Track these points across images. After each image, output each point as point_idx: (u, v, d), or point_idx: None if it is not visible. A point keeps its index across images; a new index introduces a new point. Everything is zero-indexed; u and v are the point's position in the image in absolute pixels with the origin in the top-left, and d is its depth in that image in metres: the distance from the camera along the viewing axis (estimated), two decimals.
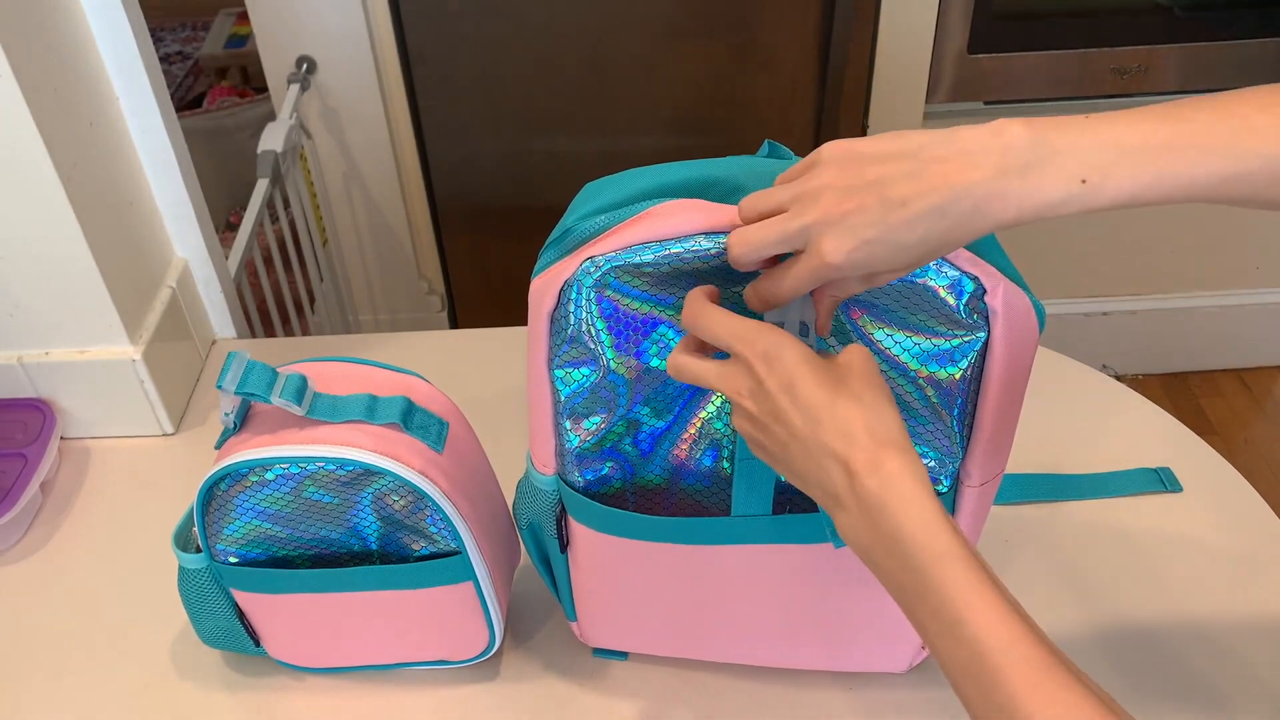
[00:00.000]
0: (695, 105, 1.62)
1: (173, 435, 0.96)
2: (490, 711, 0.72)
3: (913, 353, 0.55)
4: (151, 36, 0.90)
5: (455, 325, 1.89)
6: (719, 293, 0.53)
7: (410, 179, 1.70)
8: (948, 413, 0.57)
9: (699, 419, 0.60)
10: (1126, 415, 0.92)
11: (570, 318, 0.55)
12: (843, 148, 0.48)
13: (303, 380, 0.61)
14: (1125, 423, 0.91)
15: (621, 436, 0.60)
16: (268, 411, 0.64)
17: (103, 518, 0.88)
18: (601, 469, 0.61)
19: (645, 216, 0.53)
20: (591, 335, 0.56)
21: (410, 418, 0.63)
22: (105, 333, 0.89)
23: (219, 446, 0.64)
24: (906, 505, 0.45)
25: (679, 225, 0.53)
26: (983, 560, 0.45)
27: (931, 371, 0.56)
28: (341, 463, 0.60)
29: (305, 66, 1.55)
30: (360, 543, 0.65)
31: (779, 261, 0.51)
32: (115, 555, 0.85)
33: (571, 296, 0.55)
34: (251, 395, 0.60)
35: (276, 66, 1.56)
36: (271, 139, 1.38)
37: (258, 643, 0.72)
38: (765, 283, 0.51)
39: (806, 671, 0.73)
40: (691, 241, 0.53)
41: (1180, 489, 0.85)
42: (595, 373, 0.57)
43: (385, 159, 1.66)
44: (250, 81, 2.44)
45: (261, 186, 1.33)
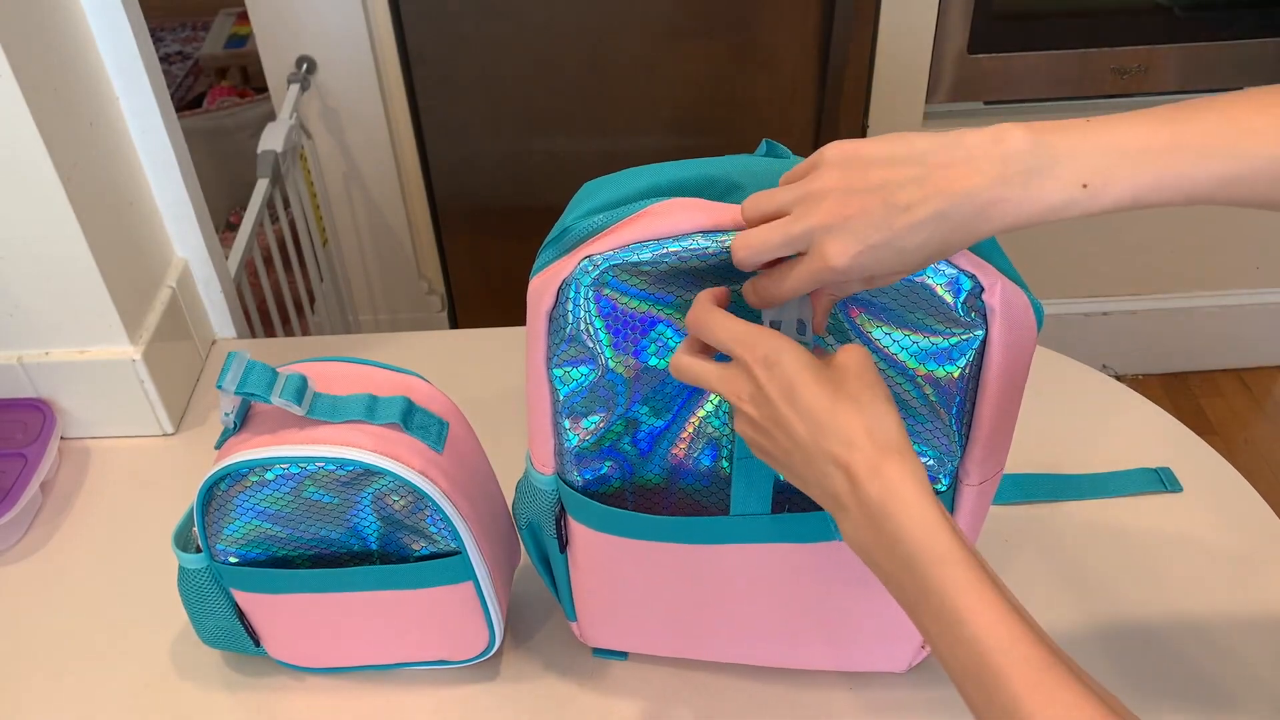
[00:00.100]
0: (695, 105, 1.62)
1: (173, 435, 0.96)
2: (490, 711, 0.72)
3: (911, 351, 0.55)
4: (151, 36, 0.90)
5: (455, 325, 1.89)
6: (728, 294, 0.53)
7: (410, 179, 1.70)
8: (946, 411, 0.57)
9: (696, 417, 0.60)
10: (1126, 415, 0.92)
11: (569, 316, 0.55)
12: (845, 149, 0.48)
13: (303, 380, 0.61)
14: (1125, 423, 0.91)
15: (620, 436, 0.60)
16: (268, 411, 0.64)
17: (103, 518, 0.88)
18: (600, 468, 0.61)
19: (643, 215, 0.53)
20: (590, 334, 0.56)
21: (410, 418, 0.63)
22: (105, 333, 0.89)
23: (219, 446, 0.64)
24: (907, 509, 0.45)
25: (677, 224, 0.53)
26: (983, 561, 0.45)
27: (930, 370, 0.55)
28: (341, 463, 0.60)
29: (305, 66, 1.55)
30: (360, 543, 0.65)
31: (781, 260, 0.51)
32: (115, 555, 0.85)
33: (570, 295, 0.55)
34: (251, 395, 0.60)
35: (276, 66, 1.56)
36: (271, 139, 1.38)
37: (258, 643, 0.72)
38: (765, 281, 0.51)
39: (807, 671, 0.73)
40: (689, 240, 0.53)
41: (1180, 489, 0.85)
42: (594, 371, 0.57)
43: (385, 159, 1.66)
44: (250, 81, 2.44)
45: (261, 186, 1.33)
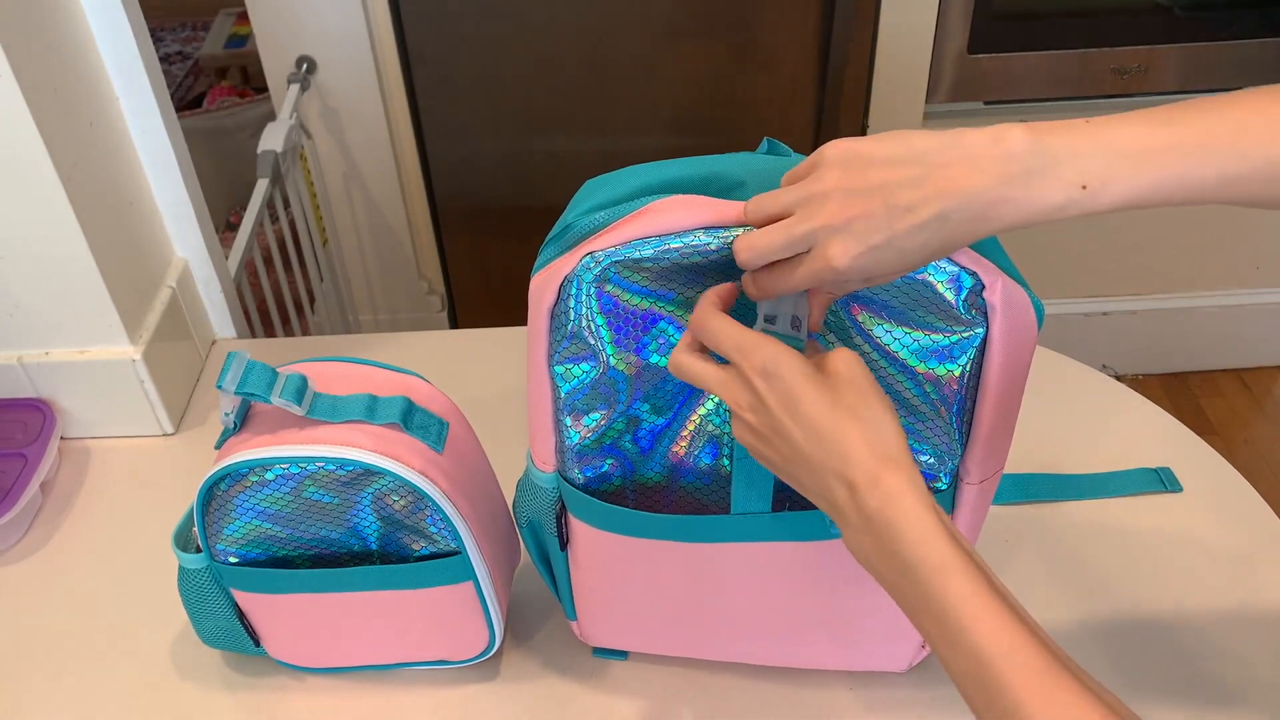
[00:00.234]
0: (695, 105, 1.62)
1: (173, 435, 0.96)
2: (490, 711, 0.72)
3: (911, 349, 0.55)
4: (151, 36, 0.90)
5: (455, 325, 1.89)
6: (735, 291, 0.53)
7: (410, 179, 1.70)
8: (947, 409, 0.57)
9: (697, 415, 0.60)
10: (1126, 415, 0.92)
11: (570, 313, 0.55)
12: (846, 149, 0.48)
13: (303, 380, 0.61)
14: (1125, 423, 0.91)
15: (621, 433, 0.60)
16: (268, 411, 0.64)
17: (103, 518, 0.88)
18: (601, 466, 0.61)
19: (644, 212, 0.53)
20: (591, 331, 0.56)
21: (410, 418, 0.63)
22: (105, 333, 0.89)
23: (219, 446, 0.64)
24: (905, 520, 0.46)
25: (678, 221, 0.53)
26: (984, 567, 0.45)
27: (930, 368, 0.55)
28: (341, 463, 0.60)
29: (305, 66, 1.55)
30: (360, 543, 0.65)
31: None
32: (115, 555, 0.85)
33: (571, 292, 0.55)
34: (251, 395, 0.60)
35: (276, 66, 1.56)
36: (271, 139, 1.38)
37: (258, 643, 0.72)
38: (765, 277, 0.51)
39: (807, 670, 0.73)
40: (690, 237, 0.53)
41: (1180, 489, 0.85)
42: (595, 368, 0.57)
43: (385, 159, 1.66)
44: (250, 81, 2.44)
45: (261, 186, 1.33)
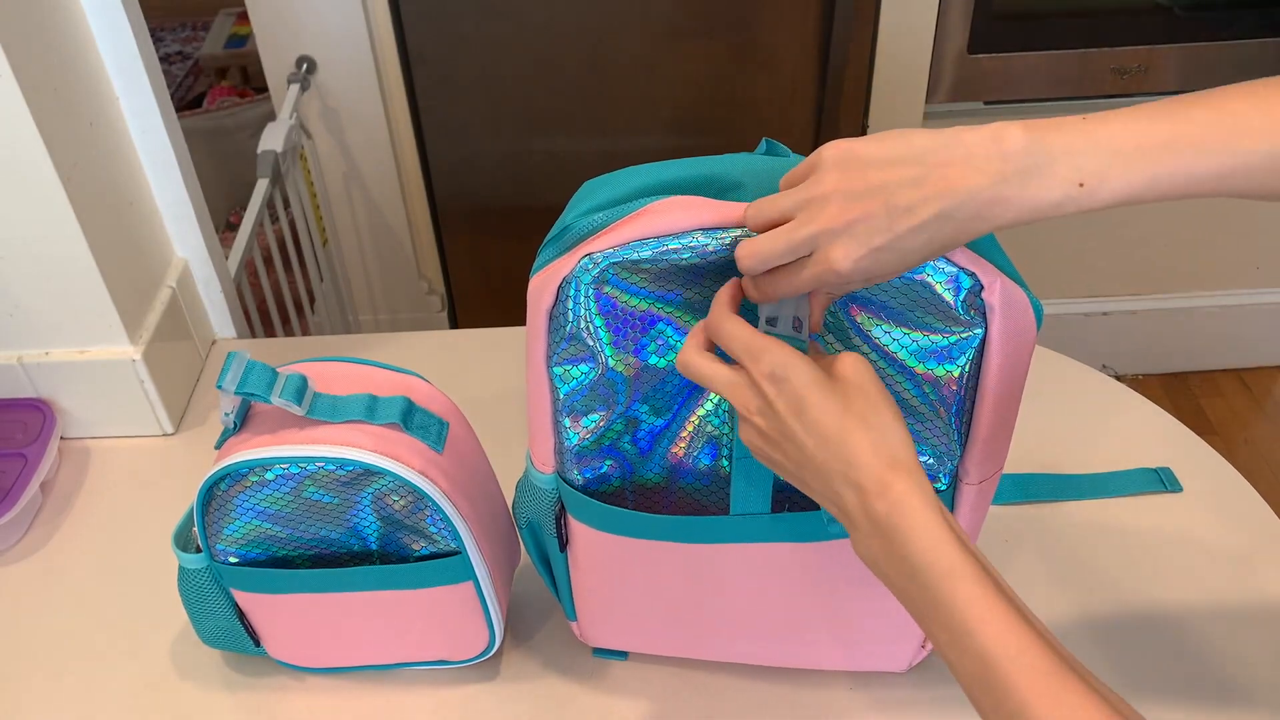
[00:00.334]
0: (695, 105, 1.62)
1: (173, 435, 0.96)
2: (490, 711, 0.72)
3: (910, 349, 0.55)
4: (151, 36, 0.90)
5: (455, 325, 1.89)
6: (740, 288, 0.54)
7: (410, 179, 1.70)
8: (946, 410, 0.57)
9: (696, 416, 0.60)
10: (1126, 415, 0.92)
11: (569, 315, 0.55)
12: (844, 150, 0.48)
13: (303, 380, 0.61)
14: (1125, 423, 0.91)
15: (620, 434, 0.60)
16: (268, 411, 0.64)
17: (103, 518, 0.88)
18: (600, 467, 0.61)
19: (643, 213, 0.53)
20: (590, 332, 0.56)
21: (410, 418, 0.63)
22: (105, 333, 0.89)
23: (219, 446, 0.64)
24: (914, 525, 0.46)
25: (676, 222, 0.53)
26: (992, 571, 0.46)
27: (930, 368, 0.56)
28: (341, 463, 0.60)
29: (305, 66, 1.55)
30: (360, 543, 0.65)
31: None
32: (115, 555, 0.85)
33: (570, 293, 0.55)
34: (251, 395, 0.60)
35: (276, 66, 1.56)
36: (271, 139, 1.38)
37: (258, 643, 0.72)
38: (766, 280, 0.51)
39: (807, 671, 0.73)
40: (689, 238, 0.53)
41: (1180, 489, 0.85)
42: (594, 370, 0.57)
43: (385, 159, 1.66)
44: (250, 81, 2.44)
45: (261, 186, 1.33)
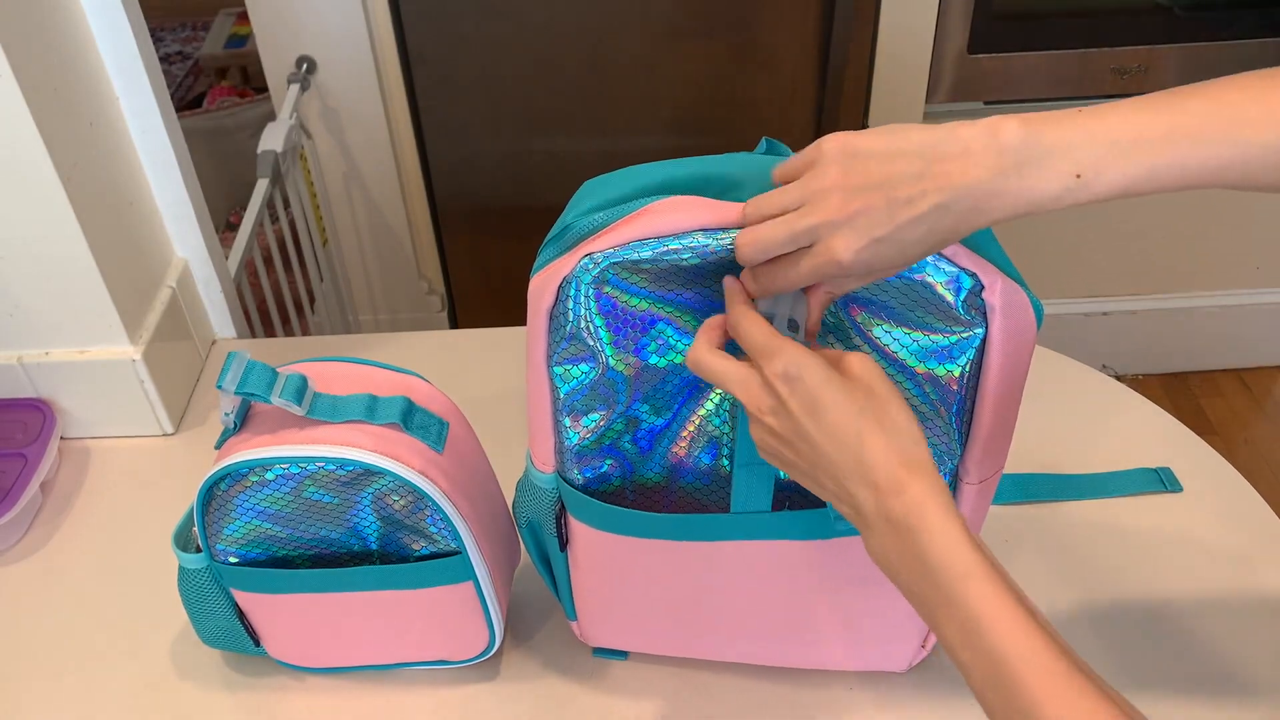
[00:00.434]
0: (695, 105, 1.62)
1: (173, 435, 0.96)
2: (490, 711, 0.72)
3: (911, 349, 0.55)
4: (151, 36, 0.90)
5: (455, 325, 1.89)
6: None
7: (410, 179, 1.70)
8: (946, 410, 0.57)
9: (697, 416, 0.60)
10: (1126, 415, 0.92)
11: (569, 314, 0.55)
12: (844, 143, 0.48)
13: (303, 380, 0.61)
14: (1125, 423, 0.91)
15: (620, 434, 0.60)
16: (268, 411, 0.64)
17: (103, 518, 0.88)
18: (601, 466, 0.61)
19: (643, 213, 0.53)
20: (590, 332, 0.56)
21: (410, 418, 0.63)
22: (105, 333, 0.89)
23: (219, 446, 0.64)
24: (930, 526, 0.46)
25: (677, 222, 0.53)
26: (1005, 573, 0.46)
27: (930, 368, 0.56)
28: (341, 463, 0.60)
29: (305, 66, 1.54)
30: (360, 543, 0.65)
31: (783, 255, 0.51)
32: (115, 555, 0.85)
33: (570, 293, 0.55)
34: (251, 395, 0.60)
35: (276, 66, 1.56)
36: (271, 139, 1.38)
37: (258, 643, 0.72)
38: (766, 273, 0.51)
39: (807, 670, 0.73)
40: (689, 238, 0.53)
41: (1180, 489, 0.85)
42: (594, 369, 0.57)
43: (385, 159, 1.65)
44: (250, 81, 2.44)
45: (261, 186, 1.33)
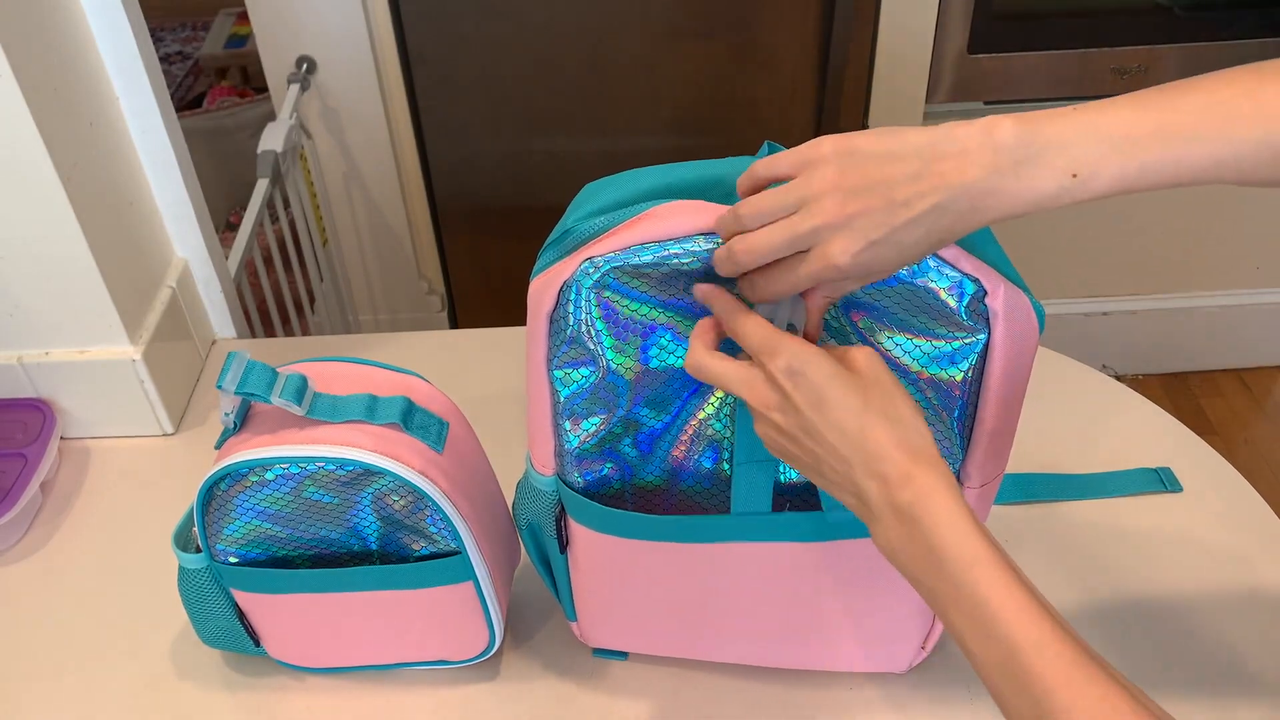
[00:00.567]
0: (695, 105, 1.62)
1: (173, 435, 0.96)
2: (490, 711, 0.72)
3: (913, 355, 0.55)
4: (151, 36, 0.90)
5: (455, 325, 1.89)
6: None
7: (410, 179, 1.70)
8: (948, 414, 0.57)
9: (697, 420, 0.60)
10: (1126, 415, 0.92)
11: (569, 318, 0.55)
12: (840, 145, 0.48)
13: (303, 380, 0.61)
14: (1125, 423, 0.91)
15: (620, 437, 0.60)
16: (268, 411, 0.64)
17: (103, 518, 0.88)
18: (601, 470, 0.61)
19: (645, 217, 0.53)
20: (591, 336, 0.56)
21: (410, 418, 0.63)
22: (105, 333, 0.89)
23: (219, 446, 0.64)
24: (938, 515, 0.46)
25: (678, 226, 0.53)
26: (1013, 563, 0.46)
27: (933, 373, 0.55)
28: (341, 463, 0.60)
29: (305, 66, 1.54)
30: (360, 543, 0.65)
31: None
32: (115, 555, 0.85)
33: (570, 297, 0.55)
34: (251, 395, 0.60)
35: (276, 66, 1.56)
36: (271, 139, 1.38)
37: (258, 643, 0.72)
38: (762, 278, 0.51)
39: (807, 671, 0.73)
40: (691, 243, 0.53)
41: (1180, 489, 0.85)
42: (595, 373, 0.57)
43: (385, 159, 1.65)
44: (250, 81, 2.44)
45: (261, 186, 1.33)
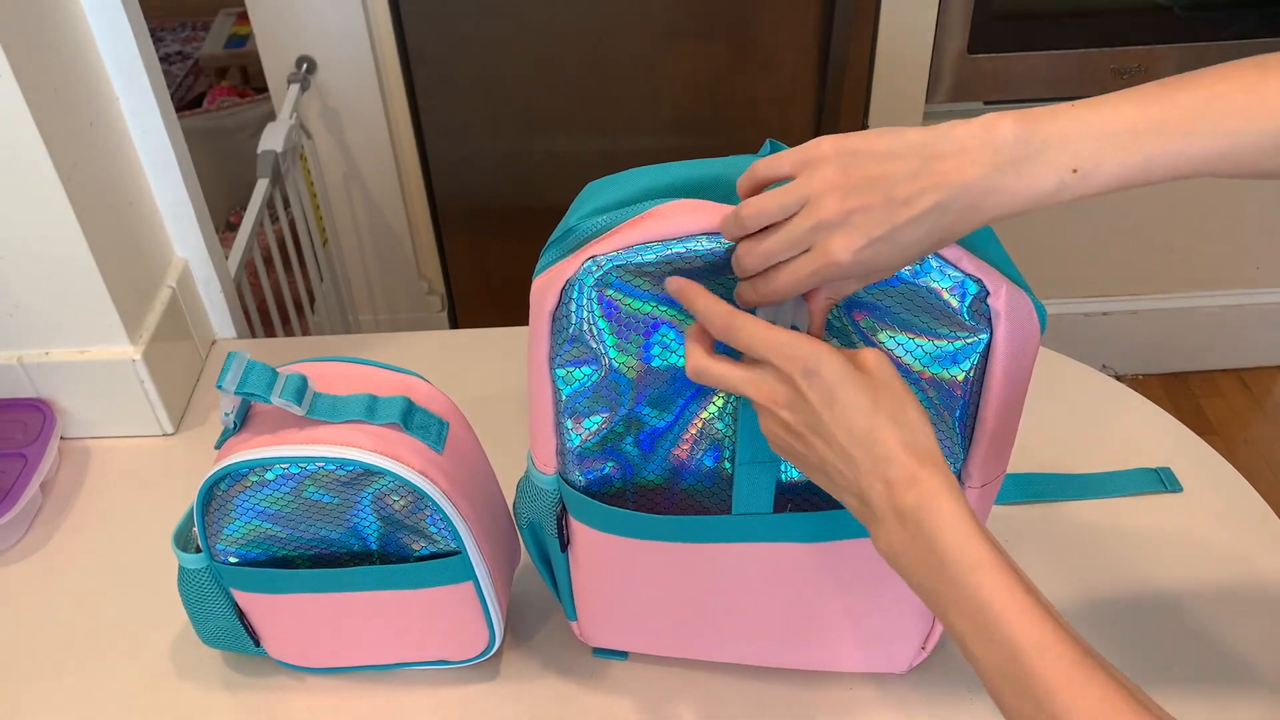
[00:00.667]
0: (695, 105, 1.62)
1: (173, 435, 0.96)
2: (490, 711, 0.72)
3: (915, 354, 0.55)
4: (151, 36, 0.90)
5: (455, 325, 1.89)
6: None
7: (410, 179, 1.70)
8: (950, 414, 0.57)
9: (700, 419, 0.60)
10: (1126, 415, 0.92)
11: (572, 317, 0.55)
12: (840, 145, 0.48)
13: (303, 380, 0.61)
14: (1125, 423, 0.91)
15: (622, 436, 0.60)
16: (268, 411, 0.64)
17: (103, 518, 0.88)
18: (602, 468, 0.61)
19: (647, 216, 0.53)
20: (593, 335, 0.56)
21: (410, 418, 0.63)
22: (105, 333, 0.89)
23: (219, 446, 0.64)
24: (942, 519, 0.46)
25: (681, 225, 0.53)
26: (1015, 564, 0.46)
27: (934, 373, 0.55)
28: (341, 463, 0.60)
29: (305, 66, 1.54)
30: (360, 543, 0.65)
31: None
32: (115, 555, 0.85)
33: (573, 296, 0.55)
34: (251, 395, 0.60)
35: (276, 66, 1.56)
36: (271, 139, 1.38)
37: (258, 643, 0.72)
38: (763, 280, 0.51)
39: (807, 671, 0.73)
40: (694, 242, 0.53)
41: (1180, 489, 0.85)
42: (597, 372, 0.57)
43: (385, 159, 1.65)
44: (250, 81, 2.44)
45: (261, 186, 1.33)
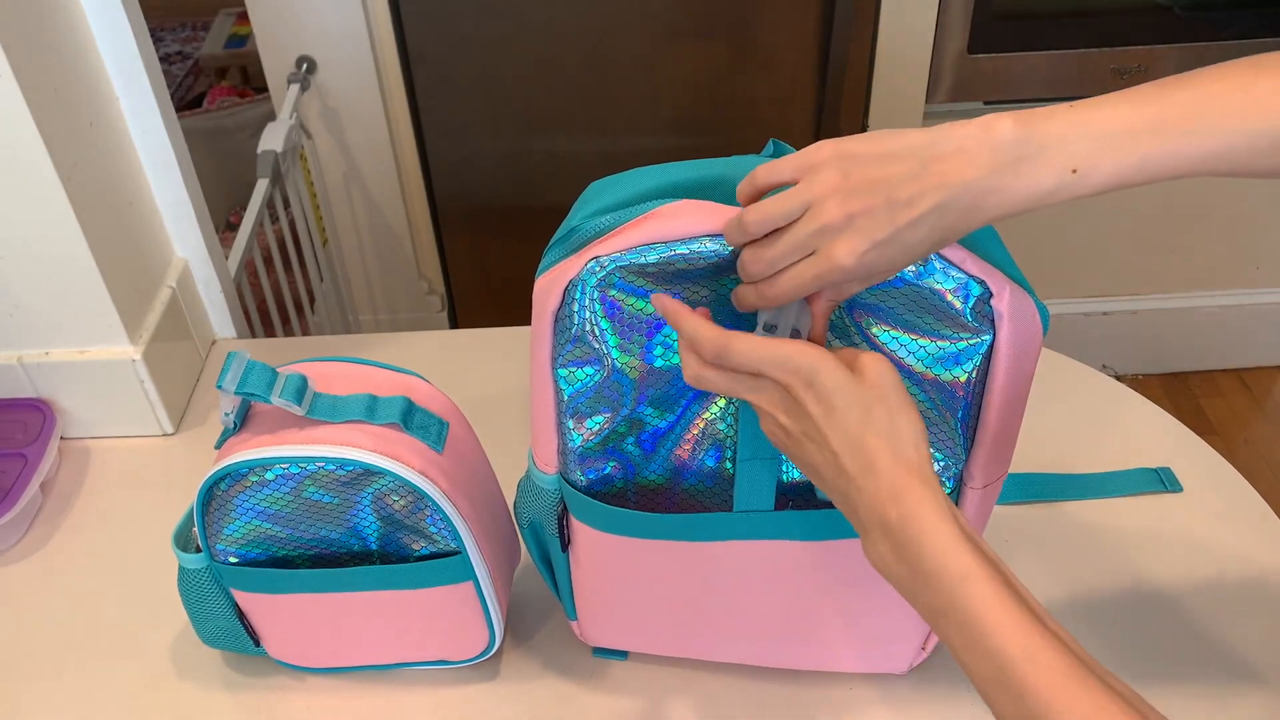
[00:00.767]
0: (695, 105, 1.62)
1: (173, 435, 0.96)
2: (490, 711, 0.72)
3: (918, 355, 0.55)
4: (151, 36, 0.90)
5: (455, 325, 1.89)
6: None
7: (410, 179, 1.70)
8: (952, 415, 0.56)
9: (703, 420, 0.60)
10: (1126, 415, 0.92)
11: (574, 317, 0.55)
12: (839, 149, 0.48)
13: (303, 380, 0.61)
14: (1125, 423, 0.91)
15: (624, 436, 0.60)
16: (268, 411, 0.64)
17: (103, 518, 0.88)
18: (604, 468, 0.61)
19: (651, 217, 0.53)
20: (596, 335, 0.56)
21: (410, 418, 0.63)
22: (105, 333, 0.89)
23: (219, 446, 0.64)
24: (927, 531, 0.46)
25: (685, 226, 0.53)
26: (1006, 572, 0.46)
27: (937, 374, 0.55)
28: (341, 463, 0.60)
29: (305, 66, 1.54)
30: (360, 543, 0.65)
31: None
32: (115, 555, 0.85)
33: (576, 296, 0.55)
34: (251, 395, 0.60)
35: (276, 66, 1.56)
36: (271, 139, 1.38)
37: (258, 643, 0.72)
38: (767, 285, 0.51)
39: (807, 671, 0.73)
40: (697, 243, 0.53)
41: (1180, 489, 0.85)
42: (599, 372, 0.57)
43: (385, 159, 1.65)
44: (250, 81, 2.44)
45: (261, 186, 1.33)
